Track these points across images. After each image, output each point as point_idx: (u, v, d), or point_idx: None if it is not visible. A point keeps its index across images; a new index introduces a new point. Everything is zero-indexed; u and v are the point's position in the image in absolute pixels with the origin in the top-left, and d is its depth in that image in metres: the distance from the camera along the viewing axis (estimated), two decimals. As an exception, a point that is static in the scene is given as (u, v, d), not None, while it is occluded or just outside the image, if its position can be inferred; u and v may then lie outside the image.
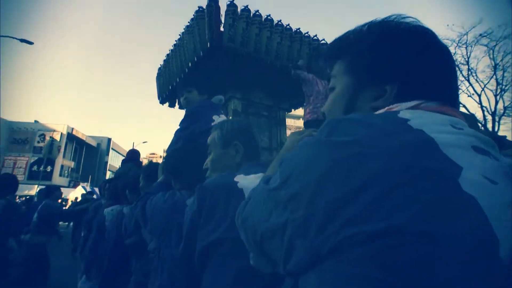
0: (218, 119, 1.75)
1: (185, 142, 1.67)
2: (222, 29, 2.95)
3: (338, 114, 0.58)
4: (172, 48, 3.85)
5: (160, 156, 49.45)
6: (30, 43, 10.60)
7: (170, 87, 4.02)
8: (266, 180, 0.54)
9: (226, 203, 0.84)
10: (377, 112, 0.49)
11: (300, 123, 38.46)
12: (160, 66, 4.43)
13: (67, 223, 10.20)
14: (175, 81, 3.79)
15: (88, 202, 6.86)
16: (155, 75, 4.65)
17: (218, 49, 2.90)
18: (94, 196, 10.17)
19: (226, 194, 0.86)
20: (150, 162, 4.51)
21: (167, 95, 4.33)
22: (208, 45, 2.85)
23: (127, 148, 38.19)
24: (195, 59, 3.10)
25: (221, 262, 0.82)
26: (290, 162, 0.46)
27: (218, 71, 3.22)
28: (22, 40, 10.43)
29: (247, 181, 0.88)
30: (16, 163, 24.42)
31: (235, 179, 0.90)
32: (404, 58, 0.51)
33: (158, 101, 4.65)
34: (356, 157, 0.37)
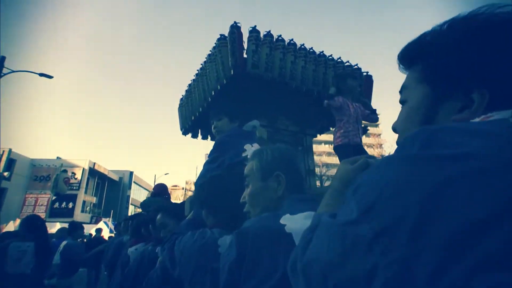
0: (250, 148, 1.59)
1: (216, 173, 1.51)
2: (245, 55, 2.86)
3: (413, 129, 0.48)
4: (194, 78, 3.82)
5: (183, 188, 49.58)
6: (50, 77, 10.82)
7: (192, 118, 3.94)
8: (330, 215, 0.44)
9: (273, 252, 0.73)
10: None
11: (322, 148, 38.40)
12: (182, 97, 4.41)
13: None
14: (198, 111, 3.72)
15: (101, 243, 6.75)
16: (177, 106, 4.62)
17: (242, 76, 2.79)
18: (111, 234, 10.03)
19: (273, 241, 0.74)
20: (169, 202, 4.37)
21: (189, 126, 4.25)
22: (232, 72, 2.75)
23: (149, 181, 38.73)
24: (219, 87, 3.00)
25: None
26: (371, 187, 0.36)
27: (242, 98, 3.10)
28: (41, 75, 10.68)
29: (296, 224, 0.75)
30: (37, 200, 24.94)
31: (282, 221, 0.76)
32: (497, 59, 0.42)
33: (180, 132, 4.60)
34: (477, 175, 0.29)
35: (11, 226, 15.87)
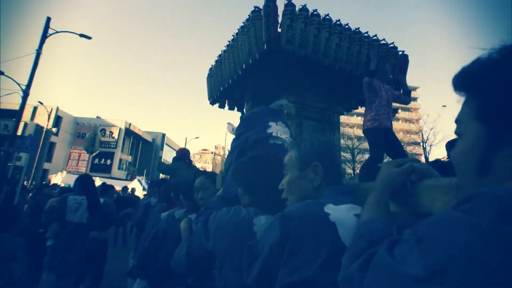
0: (275, 126, 1.63)
1: (241, 150, 1.58)
2: (279, 30, 2.83)
3: (467, 170, 0.47)
4: (225, 48, 3.80)
5: (212, 152, 50.82)
6: (89, 37, 11.33)
7: (221, 88, 3.99)
8: (389, 246, 0.44)
9: (316, 238, 0.74)
10: None
11: (355, 120, 37.24)
12: (211, 66, 4.43)
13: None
14: (228, 82, 3.75)
15: (132, 200, 7.26)
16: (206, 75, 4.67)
17: (275, 51, 2.77)
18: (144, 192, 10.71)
19: (317, 227, 0.76)
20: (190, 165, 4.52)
21: (218, 96, 4.32)
22: (265, 47, 2.75)
23: (180, 143, 40.29)
24: (250, 61, 3.01)
25: None
26: (440, 248, 0.36)
27: (273, 73, 3.11)
28: (81, 35, 11.16)
29: (340, 214, 0.77)
30: (80, 155, 27.10)
31: (326, 209, 0.79)
32: None
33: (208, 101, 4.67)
34: None
35: (59, 177, 17.58)
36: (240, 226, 1.11)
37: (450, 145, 3.78)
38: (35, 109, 24.23)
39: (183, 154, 4.53)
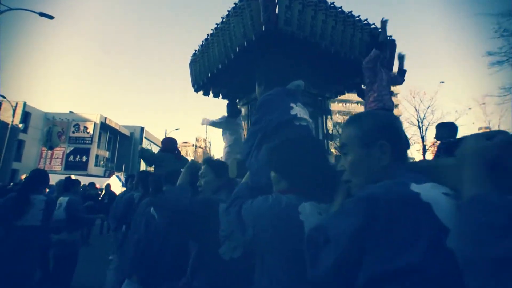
0: (295, 107, 1.56)
1: (264, 135, 1.49)
2: (276, 11, 2.71)
3: None
4: (212, 32, 3.55)
5: (193, 145, 49.78)
6: (51, 17, 9.83)
7: (209, 75, 3.80)
8: None
9: (413, 220, 0.65)
10: None
11: (336, 106, 37.92)
12: (195, 51, 4.20)
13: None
14: (217, 68, 3.58)
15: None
16: (188, 61, 4.38)
17: (273, 33, 2.65)
18: (124, 188, 10.28)
19: (410, 210, 0.67)
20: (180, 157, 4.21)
21: (204, 83, 4.13)
22: (263, 28, 2.62)
23: (160, 136, 39.20)
24: (245, 43, 2.88)
25: None
26: None
27: (268, 56, 2.99)
28: (42, 14, 9.67)
29: (431, 194, 0.69)
30: (53, 153, 25.75)
31: (413, 188, 0.70)
32: None
33: (191, 89, 4.41)
34: None
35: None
36: (284, 215, 1.04)
37: (440, 127, 3.90)
38: (-1, 104, 22.60)
39: (169, 144, 4.15)
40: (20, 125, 22.36)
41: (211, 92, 4.62)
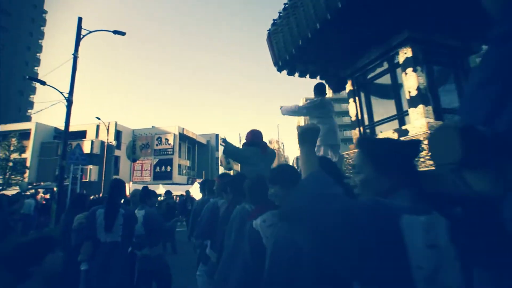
0: None
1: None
2: None
3: None
4: None
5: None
6: (123, 33, 10.43)
7: (299, 43, 2.72)
8: None
9: None
10: None
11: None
12: (273, 21, 3.18)
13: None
14: (305, 37, 2.49)
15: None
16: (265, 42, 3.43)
17: None
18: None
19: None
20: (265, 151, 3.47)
21: (289, 59, 3.06)
22: None
23: (234, 142, 40.43)
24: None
25: None
26: None
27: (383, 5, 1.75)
28: (116, 32, 10.32)
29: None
30: (143, 165, 28.44)
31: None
32: None
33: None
34: None
35: (127, 188, 18.31)
36: (382, 224, 0.77)
37: None
38: (98, 127, 25.92)
39: (254, 137, 3.38)
40: (114, 142, 25.18)
41: (296, 70, 3.55)
